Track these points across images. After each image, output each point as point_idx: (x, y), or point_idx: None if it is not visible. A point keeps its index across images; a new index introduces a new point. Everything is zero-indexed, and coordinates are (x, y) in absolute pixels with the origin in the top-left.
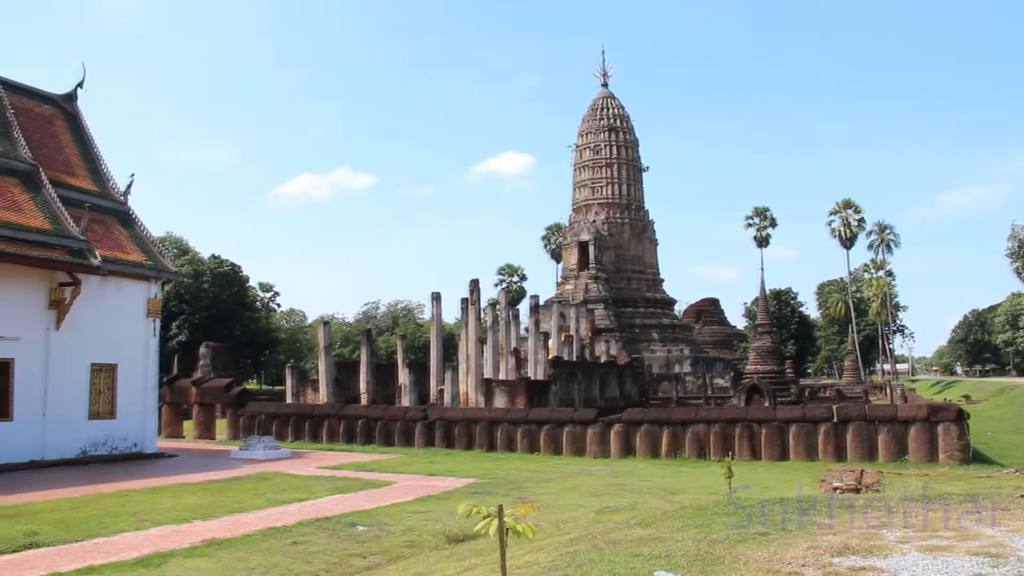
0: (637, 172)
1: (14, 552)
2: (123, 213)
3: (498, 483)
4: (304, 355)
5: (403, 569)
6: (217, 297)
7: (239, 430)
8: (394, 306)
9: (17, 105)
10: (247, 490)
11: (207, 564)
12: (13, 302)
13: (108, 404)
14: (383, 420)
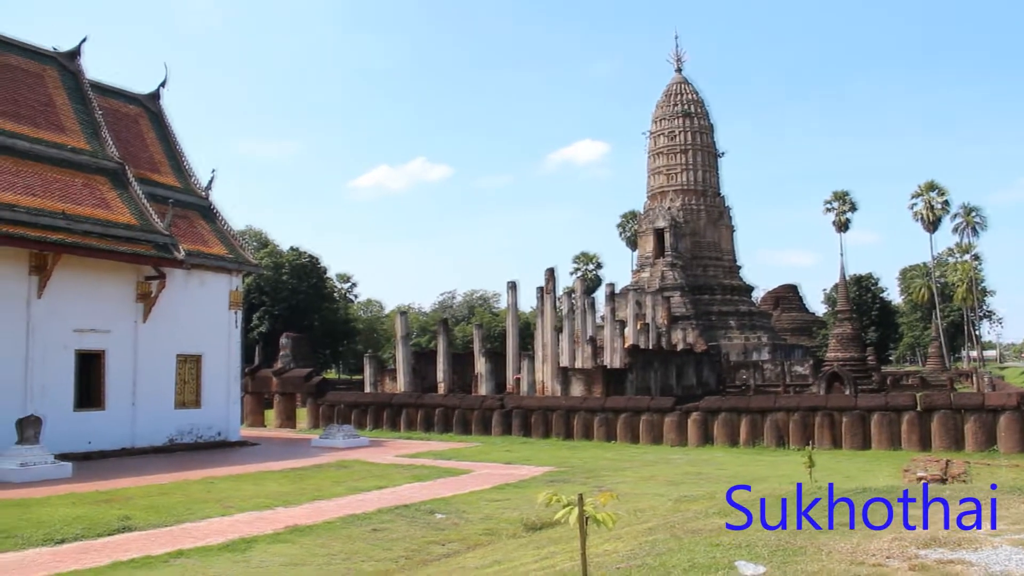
0: (713, 158)
1: (109, 535)
2: (205, 208)
3: (575, 471)
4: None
5: (481, 556)
6: (296, 288)
7: (319, 419)
8: (470, 295)
9: (105, 106)
10: (328, 478)
11: (290, 550)
12: (103, 296)
13: (194, 394)
14: (460, 409)
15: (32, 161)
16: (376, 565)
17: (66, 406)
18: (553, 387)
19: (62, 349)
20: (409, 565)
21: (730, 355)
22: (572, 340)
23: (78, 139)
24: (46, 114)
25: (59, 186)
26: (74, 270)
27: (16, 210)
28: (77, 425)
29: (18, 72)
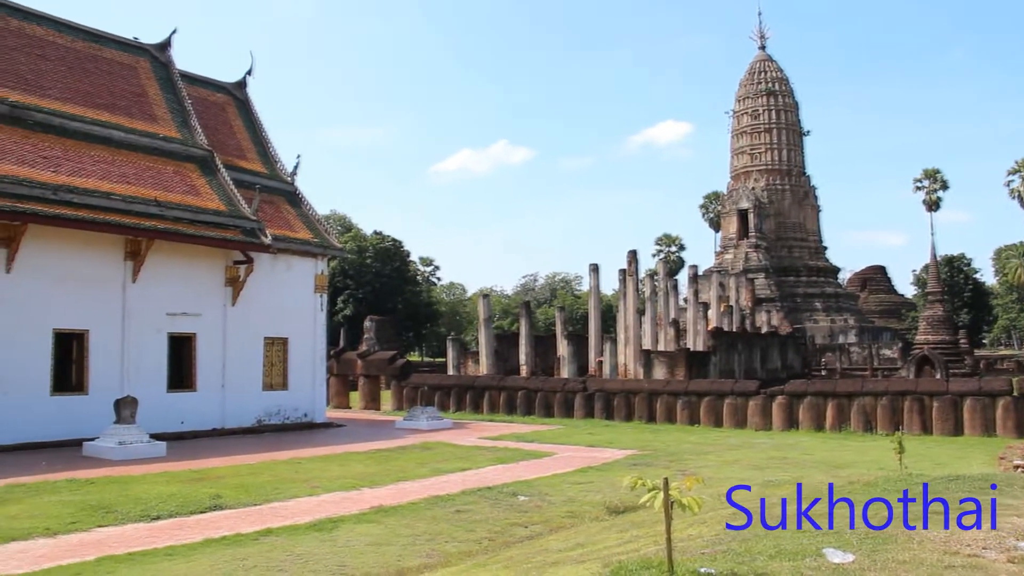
0: (797, 136)
1: (201, 513)
2: (291, 193)
3: (658, 455)
4: (464, 327)
5: (564, 539)
6: (380, 272)
7: (403, 401)
8: (552, 278)
9: (194, 95)
10: (412, 459)
11: (375, 530)
12: (194, 280)
13: (281, 376)
14: (543, 391)
15: (127, 150)
16: (459, 546)
17: (160, 388)
18: (635, 370)
19: (155, 332)
20: (492, 547)
21: (815, 338)
22: (655, 322)
23: (169, 128)
24: (139, 104)
25: (151, 174)
26: (166, 255)
27: (112, 198)
28: (170, 406)
29: (114, 65)
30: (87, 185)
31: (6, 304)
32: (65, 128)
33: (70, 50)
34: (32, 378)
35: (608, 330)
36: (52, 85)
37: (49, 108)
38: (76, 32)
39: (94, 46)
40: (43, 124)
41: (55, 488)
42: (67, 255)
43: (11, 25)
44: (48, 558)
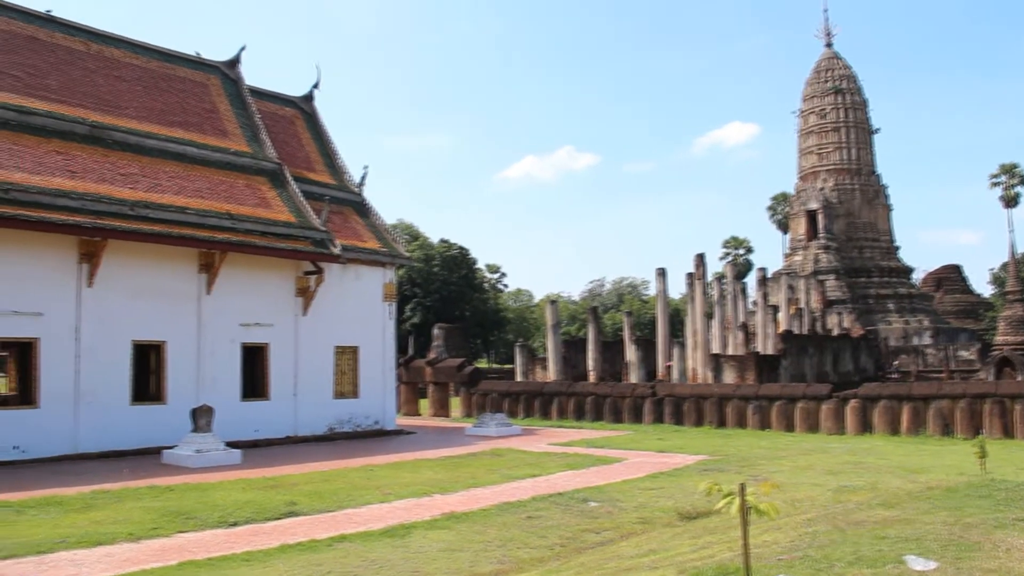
0: (867, 135)
1: (277, 519)
2: (359, 203)
3: (729, 460)
4: (532, 334)
5: (636, 545)
6: (447, 280)
7: (472, 408)
8: (619, 283)
9: (263, 110)
10: (482, 466)
11: (447, 536)
12: (266, 291)
13: (351, 384)
14: (611, 397)
15: (200, 165)
16: (531, 552)
17: (234, 396)
18: (704, 374)
19: (229, 343)
20: (564, 553)
21: (889, 340)
22: (723, 326)
23: (239, 143)
24: (211, 120)
25: (224, 188)
26: (238, 267)
27: (187, 212)
28: (244, 414)
29: (186, 83)
30: (163, 200)
31: (89, 317)
32: (142, 146)
33: (145, 70)
34: (113, 388)
35: (676, 334)
36: (129, 104)
37: (126, 127)
38: (150, 53)
39: (167, 65)
40: (121, 143)
41: (137, 495)
42: (144, 269)
43: (91, 49)
44: (132, 562)
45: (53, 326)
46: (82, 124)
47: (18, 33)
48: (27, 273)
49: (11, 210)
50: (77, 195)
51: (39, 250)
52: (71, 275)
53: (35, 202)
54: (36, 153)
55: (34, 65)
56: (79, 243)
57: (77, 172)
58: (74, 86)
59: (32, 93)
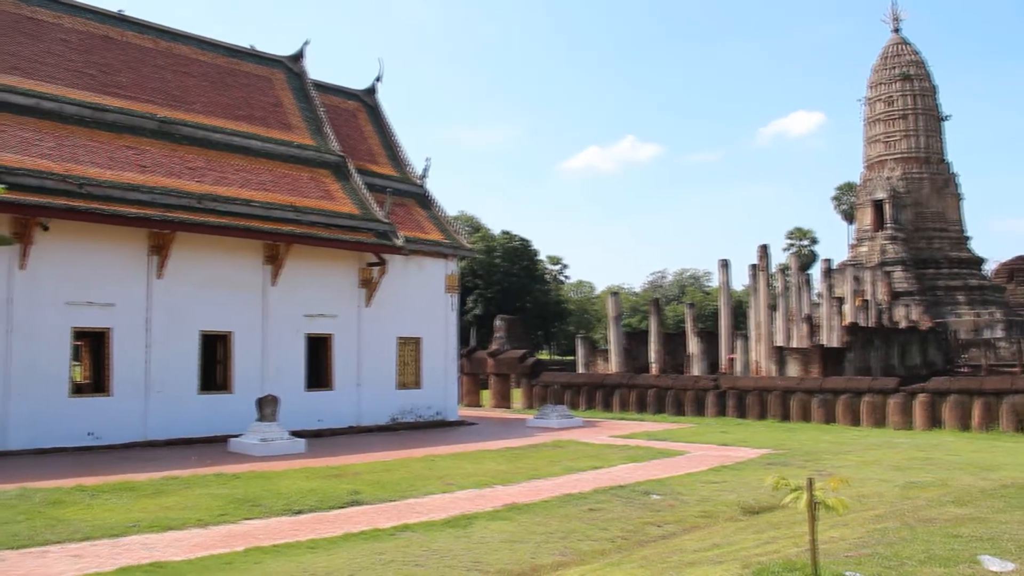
0: (936, 122)
1: (341, 508)
2: (421, 195)
3: (793, 454)
4: (593, 325)
5: (699, 539)
6: (508, 271)
7: (533, 399)
8: (681, 275)
9: (326, 103)
10: (543, 457)
11: (509, 527)
12: (330, 283)
13: (414, 375)
14: (674, 389)
15: (264, 158)
16: (593, 545)
17: (298, 386)
18: (768, 367)
19: (294, 333)
20: (626, 546)
21: (958, 333)
22: (787, 318)
23: (303, 136)
24: (275, 114)
25: (288, 181)
26: (303, 259)
27: (252, 205)
28: (308, 404)
29: (251, 78)
30: (229, 193)
31: (158, 308)
32: (208, 140)
33: (212, 66)
34: (182, 378)
35: (739, 327)
36: (196, 99)
37: (193, 121)
38: (217, 49)
39: (233, 60)
40: (188, 137)
41: (205, 482)
42: (211, 261)
43: (160, 46)
44: (201, 547)
45: (125, 316)
46: (152, 119)
47: (93, 33)
48: (100, 265)
49: (85, 204)
50: (147, 189)
51: (112, 242)
52: (142, 267)
53: (108, 196)
54: (109, 148)
55: (107, 63)
56: (149, 236)
57: (147, 166)
58: (144, 83)
59: (105, 90)
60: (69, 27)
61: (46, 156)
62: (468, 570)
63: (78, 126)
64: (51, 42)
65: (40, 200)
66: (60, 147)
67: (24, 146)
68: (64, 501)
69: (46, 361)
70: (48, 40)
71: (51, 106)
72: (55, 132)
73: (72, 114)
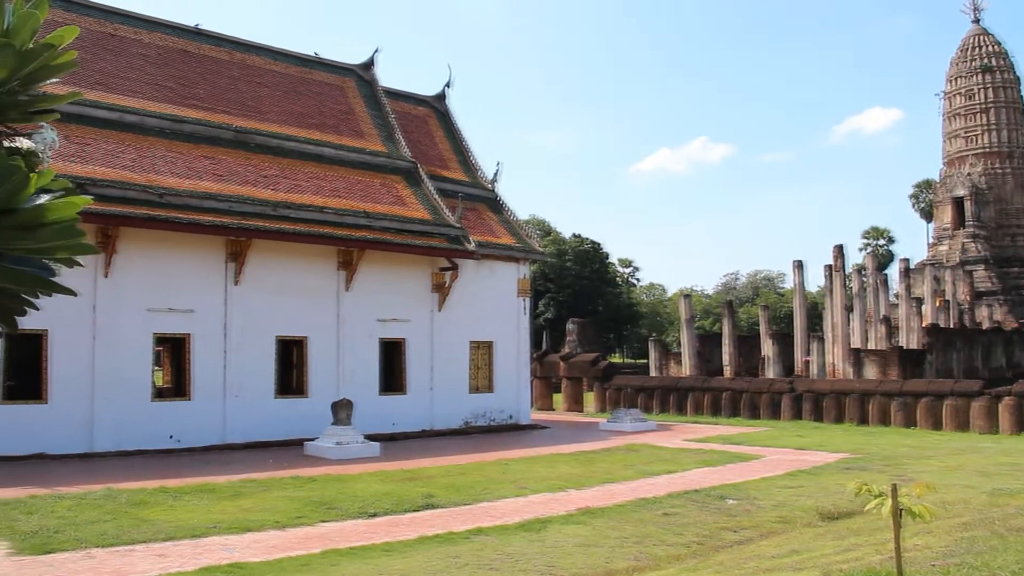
0: (1019, 115)
1: (415, 511)
2: (492, 199)
3: (872, 459)
4: (665, 328)
5: (777, 545)
6: (579, 275)
7: (606, 402)
8: (754, 276)
9: (397, 110)
10: (617, 461)
11: (583, 531)
12: (402, 287)
13: (486, 379)
14: (748, 392)
15: (337, 165)
16: (668, 550)
17: (372, 390)
18: (844, 369)
19: (368, 338)
20: (701, 551)
21: None
22: (864, 320)
23: (375, 142)
24: (347, 122)
25: (360, 187)
26: (375, 264)
27: (325, 211)
28: (382, 408)
29: (323, 86)
30: (302, 200)
31: (236, 314)
32: (281, 148)
33: (284, 76)
34: (259, 382)
35: (814, 328)
36: (270, 109)
37: (268, 131)
38: (289, 59)
39: (304, 70)
40: (263, 146)
41: (282, 484)
42: (286, 267)
43: (235, 58)
44: (279, 549)
45: (204, 322)
46: (227, 129)
47: (171, 47)
48: (180, 272)
49: (165, 213)
50: (223, 197)
51: (190, 250)
52: (219, 274)
53: (186, 205)
54: (187, 158)
55: (185, 76)
56: (226, 243)
57: (223, 175)
58: (220, 94)
59: (183, 102)
60: (148, 42)
61: (128, 167)
62: (542, 574)
63: (158, 137)
64: (132, 57)
65: (123, 210)
66: (141, 158)
67: (108, 158)
68: (148, 502)
69: (129, 366)
70: (129, 55)
71: (133, 119)
72: (136, 144)
73: (152, 126)
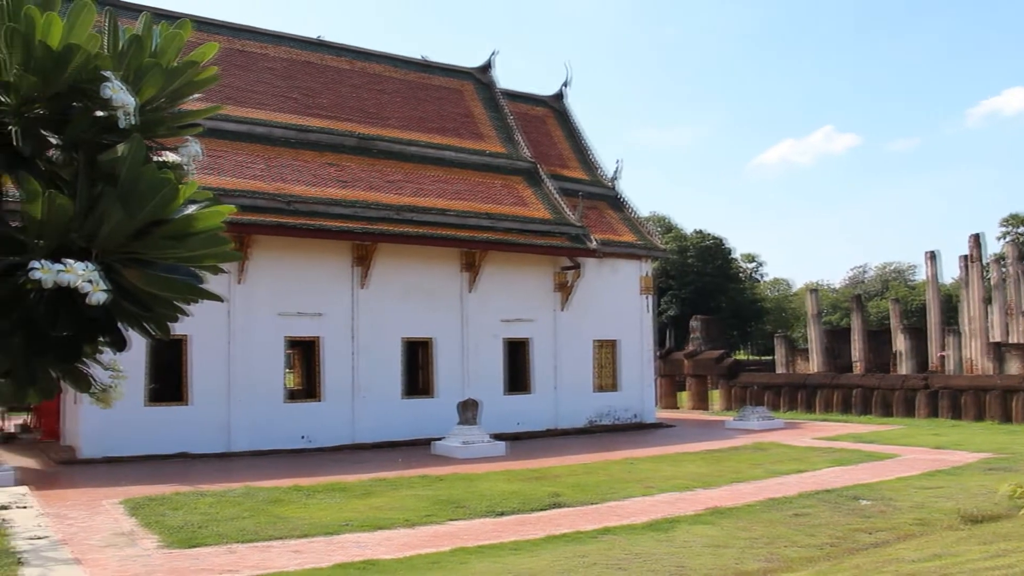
0: None
1: (542, 511)
2: (612, 197)
3: (1018, 459)
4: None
5: (916, 548)
6: (702, 271)
7: (732, 400)
8: (883, 269)
9: (515, 110)
10: (744, 460)
11: (712, 531)
12: (525, 287)
13: (610, 377)
14: (880, 389)
15: (458, 168)
16: (800, 551)
17: (497, 390)
18: (984, 365)
19: (492, 338)
20: (835, 553)
21: None
22: (1004, 312)
23: (495, 144)
24: (467, 125)
25: (482, 189)
26: (498, 265)
27: (448, 214)
28: (507, 407)
29: (442, 91)
30: (426, 204)
31: (364, 317)
32: (404, 153)
33: (404, 82)
34: (386, 383)
35: (949, 322)
36: (391, 115)
37: (390, 136)
38: (408, 65)
39: (423, 75)
40: (386, 151)
41: (410, 483)
42: (411, 270)
43: (356, 67)
44: (409, 547)
45: (332, 325)
46: (351, 137)
47: (295, 59)
48: (308, 277)
49: (293, 220)
50: (349, 203)
51: (318, 255)
52: (346, 278)
53: (313, 211)
54: (313, 166)
55: (309, 87)
56: (352, 248)
57: (348, 182)
58: (343, 102)
59: (308, 112)
60: (274, 56)
61: (257, 177)
62: (671, 575)
63: (284, 147)
64: (259, 71)
65: (253, 218)
66: (269, 168)
67: (238, 169)
68: (283, 500)
69: (262, 369)
70: (256, 69)
71: (261, 130)
72: (265, 154)
73: (279, 136)
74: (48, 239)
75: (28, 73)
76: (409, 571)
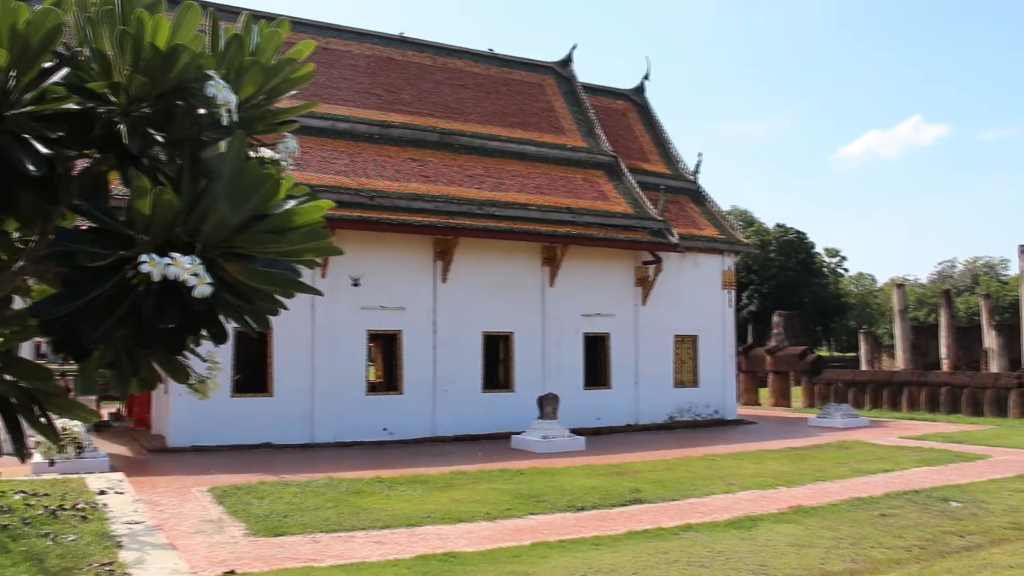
0: None
1: (623, 506)
2: (694, 191)
3: None
4: (875, 320)
5: (1012, 554)
6: (784, 266)
7: (814, 398)
8: (973, 263)
9: (596, 104)
10: (828, 458)
11: (795, 530)
12: (605, 282)
13: (691, 373)
14: (969, 387)
15: (539, 163)
16: (887, 553)
17: (577, 385)
18: None
19: (572, 333)
20: (923, 556)
21: None
22: None
23: (575, 138)
24: (547, 119)
25: (562, 183)
26: (578, 259)
27: (528, 208)
28: (587, 402)
29: (522, 85)
30: (506, 198)
31: (444, 310)
32: (485, 148)
33: (484, 76)
34: (466, 377)
35: None
36: (472, 110)
37: (471, 131)
38: (489, 60)
39: (504, 70)
40: (467, 146)
41: (491, 477)
42: (492, 264)
43: (437, 62)
44: (490, 540)
45: (413, 319)
46: (433, 132)
47: (377, 56)
48: (390, 271)
49: (376, 215)
50: (431, 198)
51: (399, 250)
52: (427, 272)
53: (395, 206)
54: (395, 162)
55: (391, 83)
56: (434, 242)
57: (430, 176)
58: (425, 98)
59: (390, 108)
60: (357, 53)
61: (341, 172)
62: (754, 574)
63: (368, 143)
64: (342, 68)
65: (337, 213)
66: (353, 163)
67: (323, 165)
68: (365, 491)
69: (345, 362)
70: (340, 67)
71: (344, 126)
72: (348, 150)
73: (362, 132)
74: (155, 234)
75: (137, 73)
76: (490, 564)
